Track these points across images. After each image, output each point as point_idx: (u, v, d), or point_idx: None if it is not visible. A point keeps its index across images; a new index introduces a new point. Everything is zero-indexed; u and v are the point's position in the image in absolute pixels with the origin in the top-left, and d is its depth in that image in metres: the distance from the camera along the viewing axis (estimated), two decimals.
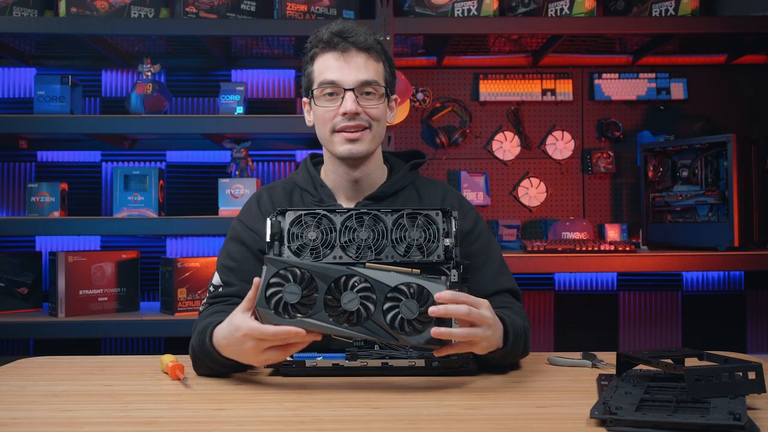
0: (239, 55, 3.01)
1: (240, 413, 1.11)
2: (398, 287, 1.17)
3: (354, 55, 1.43)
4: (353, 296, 1.16)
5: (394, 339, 1.16)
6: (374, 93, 1.45)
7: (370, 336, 1.16)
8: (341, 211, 1.34)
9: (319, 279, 1.17)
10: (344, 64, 1.42)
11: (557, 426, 1.03)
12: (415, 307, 1.16)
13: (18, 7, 2.66)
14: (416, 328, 1.16)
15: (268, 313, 1.16)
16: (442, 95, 3.08)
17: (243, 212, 1.56)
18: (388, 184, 1.52)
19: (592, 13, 2.73)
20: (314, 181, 1.54)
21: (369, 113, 1.44)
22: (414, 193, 1.55)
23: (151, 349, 2.97)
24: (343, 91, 1.42)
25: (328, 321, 1.16)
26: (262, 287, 1.17)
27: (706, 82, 3.10)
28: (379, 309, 1.16)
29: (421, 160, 1.60)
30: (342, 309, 1.16)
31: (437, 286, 1.18)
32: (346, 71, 1.42)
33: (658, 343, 3.11)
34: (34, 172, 3.02)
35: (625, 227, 2.97)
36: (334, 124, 1.44)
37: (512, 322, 1.33)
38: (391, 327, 1.16)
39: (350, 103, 1.42)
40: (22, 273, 2.70)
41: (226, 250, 1.52)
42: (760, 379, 1.08)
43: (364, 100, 1.44)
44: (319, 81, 1.44)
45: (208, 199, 2.93)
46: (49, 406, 1.14)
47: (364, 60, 1.43)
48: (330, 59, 1.43)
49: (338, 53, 1.43)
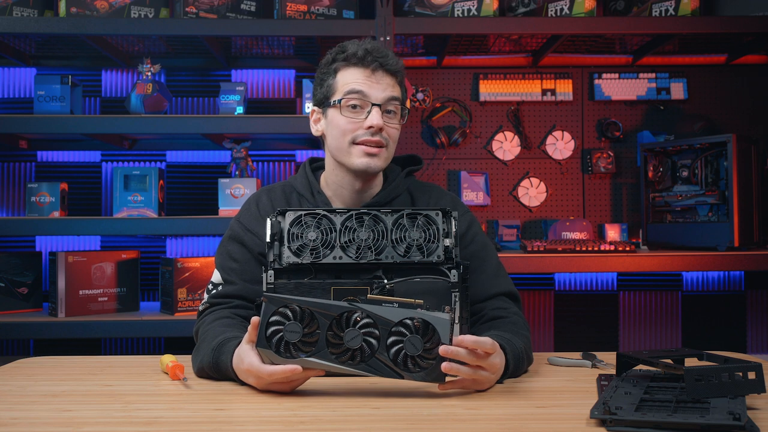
0: (239, 55, 3.01)
1: (240, 413, 1.11)
2: (403, 322, 1.16)
3: (382, 75, 1.45)
4: (356, 333, 1.15)
5: (399, 376, 1.15)
6: (396, 112, 1.47)
7: (373, 374, 1.15)
8: (341, 212, 1.34)
9: (320, 316, 1.16)
10: (374, 81, 1.45)
11: (557, 426, 1.03)
12: (420, 343, 1.14)
13: (18, 7, 2.66)
14: (420, 364, 1.15)
15: (269, 353, 1.15)
16: (442, 95, 3.08)
17: (242, 213, 1.56)
18: (383, 193, 1.52)
19: (592, 13, 2.73)
20: (312, 188, 1.54)
21: (389, 132, 1.46)
22: (408, 198, 1.56)
23: (151, 349, 2.97)
24: (370, 105, 1.43)
25: (331, 359, 1.15)
26: (262, 326, 1.16)
27: (706, 82, 3.10)
28: (382, 345, 1.15)
29: (416, 167, 1.61)
30: (345, 347, 1.15)
31: (441, 319, 1.16)
32: (376, 87, 1.44)
33: (658, 343, 3.11)
34: (34, 172, 3.02)
35: (625, 227, 2.97)
36: (356, 136, 1.45)
37: (513, 348, 1.31)
38: (395, 363, 1.14)
39: (377, 118, 1.43)
40: (22, 273, 2.70)
41: (227, 250, 1.52)
42: (760, 379, 1.08)
43: (386, 118, 1.46)
44: (345, 90, 1.45)
45: (208, 199, 2.93)
46: (49, 406, 1.14)
47: (390, 82, 1.47)
48: (358, 73, 1.45)
49: (369, 71, 1.45)
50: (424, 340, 1.15)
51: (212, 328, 1.38)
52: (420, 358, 1.15)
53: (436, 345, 1.15)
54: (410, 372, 1.14)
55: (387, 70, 1.46)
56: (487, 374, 1.20)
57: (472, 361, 1.16)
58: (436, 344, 1.15)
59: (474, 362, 1.16)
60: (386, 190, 1.53)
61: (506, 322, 1.42)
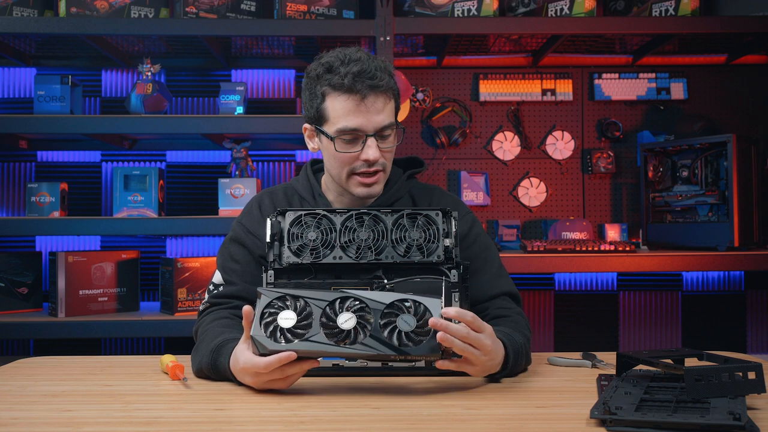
0: (239, 55, 3.01)
1: (240, 413, 1.11)
2: (394, 303, 1.17)
3: (373, 100, 1.38)
4: (349, 315, 1.16)
5: (395, 353, 1.14)
6: (391, 134, 1.44)
7: (369, 352, 1.15)
8: (341, 212, 1.34)
9: (313, 304, 1.16)
10: (365, 110, 1.37)
11: (557, 426, 1.03)
12: (412, 320, 1.15)
13: (18, 7, 2.66)
14: (414, 340, 1.15)
15: (263, 339, 1.15)
16: (442, 95, 3.08)
17: (244, 215, 1.55)
18: (385, 197, 1.51)
19: (592, 13, 2.73)
20: (313, 191, 1.54)
21: (386, 157, 1.43)
22: (409, 201, 1.55)
23: (151, 349, 2.97)
24: (365, 137, 1.39)
25: (326, 342, 1.15)
26: (257, 317, 1.16)
27: (706, 82, 3.10)
28: (376, 325, 1.15)
29: (418, 169, 1.59)
30: (339, 329, 1.15)
31: (433, 301, 1.17)
32: (367, 117, 1.38)
33: (658, 343, 3.11)
34: (34, 172, 3.02)
35: (625, 227, 2.97)
36: (353, 168, 1.42)
37: (513, 341, 1.31)
38: (389, 341, 1.15)
39: (373, 152, 1.39)
40: (22, 273, 2.70)
41: (228, 252, 1.52)
42: (760, 379, 1.08)
43: (382, 142, 1.41)
44: (338, 127, 1.39)
45: (208, 199, 2.93)
46: (49, 406, 1.14)
47: (383, 103, 1.39)
48: (349, 103, 1.37)
49: (358, 99, 1.37)
50: (417, 318, 1.16)
51: (211, 328, 1.38)
52: (414, 334, 1.15)
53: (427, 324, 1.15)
54: (405, 348, 1.15)
55: (377, 92, 1.38)
56: (479, 354, 1.18)
57: (460, 334, 1.15)
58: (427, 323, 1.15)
59: (463, 336, 1.16)
60: (387, 193, 1.52)
61: (509, 321, 1.42)
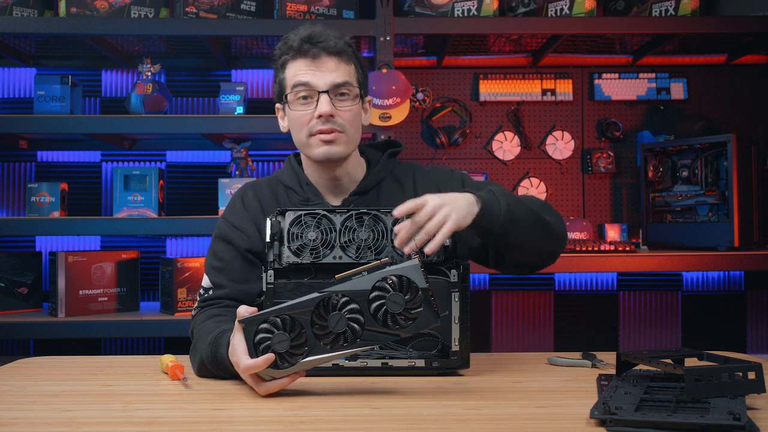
0: (239, 55, 3.01)
1: (240, 413, 1.11)
2: (376, 286, 1.16)
3: (325, 59, 1.43)
4: (338, 316, 1.15)
5: (396, 336, 1.15)
6: (348, 94, 1.45)
7: (371, 344, 1.16)
8: (341, 211, 1.34)
9: (298, 316, 1.15)
10: (315, 69, 1.42)
11: (557, 426, 1.03)
12: (400, 298, 1.15)
13: (18, 7, 2.66)
14: (409, 317, 1.15)
15: (269, 371, 1.15)
16: (442, 95, 3.08)
17: (228, 211, 1.55)
18: (369, 178, 1.52)
19: (592, 13, 2.73)
20: (299, 179, 1.53)
21: (343, 116, 1.44)
22: (393, 182, 1.54)
23: (151, 349, 2.97)
24: (318, 94, 1.42)
25: (327, 350, 1.15)
26: (251, 350, 1.16)
27: (706, 82, 3.10)
28: (368, 316, 1.15)
29: (397, 148, 1.60)
30: (333, 333, 1.15)
31: (411, 267, 1.16)
32: (319, 74, 1.42)
33: (658, 343, 3.11)
34: (34, 172, 3.02)
35: (625, 227, 2.97)
36: (310, 128, 1.44)
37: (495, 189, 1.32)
38: (386, 327, 1.15)
39: (325, 105, 1.41)
40: (22, 273, 2.70)
41: (213, 251, 1.51)
42: (760, 379, 1.08)
43: (339, 101, 1.44)
44: (292, 84, 1.44)
45: (208, 199, 2.93)
46: (49, 406, 1.14)
47: (335, 64, 1.44)
48: (302, 64, 1.43)
49: (309, 59, 1.43)
50: (404, 294, 1.15)
51: (206, 325, 1.39)
52: (407, 312, 1.15)
53: (416, 293, 1.15)
54: (404, 327, 1.15)
55: (329, 53, 1.43)
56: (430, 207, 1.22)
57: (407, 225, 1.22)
58: (416, 292, 1.15)
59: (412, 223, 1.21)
60: (372, 174, 1.52)
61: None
